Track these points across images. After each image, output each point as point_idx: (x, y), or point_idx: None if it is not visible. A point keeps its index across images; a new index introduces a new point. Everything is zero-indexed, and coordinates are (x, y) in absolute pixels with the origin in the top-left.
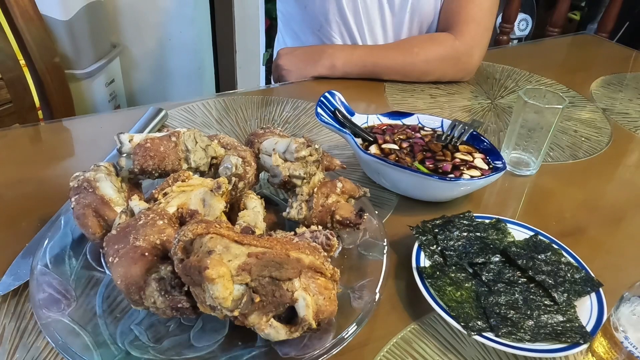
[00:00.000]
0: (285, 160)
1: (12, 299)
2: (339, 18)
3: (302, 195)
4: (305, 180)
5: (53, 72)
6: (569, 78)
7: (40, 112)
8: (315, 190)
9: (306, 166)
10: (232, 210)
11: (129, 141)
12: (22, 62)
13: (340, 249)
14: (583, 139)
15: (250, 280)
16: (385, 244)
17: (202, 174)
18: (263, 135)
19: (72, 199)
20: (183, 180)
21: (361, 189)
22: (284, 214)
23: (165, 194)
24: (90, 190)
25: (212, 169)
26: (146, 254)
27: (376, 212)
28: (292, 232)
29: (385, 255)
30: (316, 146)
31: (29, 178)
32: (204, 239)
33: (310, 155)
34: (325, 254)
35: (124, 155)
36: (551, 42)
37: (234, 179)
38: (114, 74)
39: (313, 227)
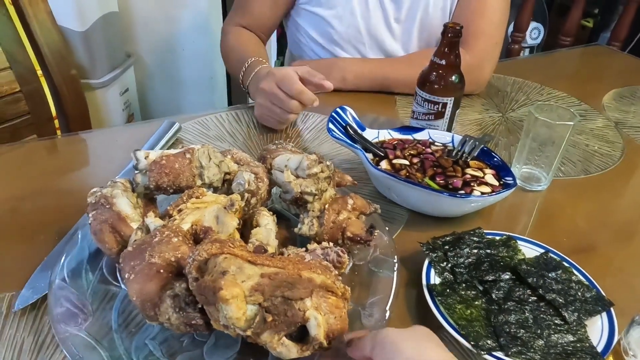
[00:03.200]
0: (297, 176)
1: (31, 312)
2: (350, 37)
3: (313, 211)
4: (316, 197)
5: (70, 84)
6: (580, 90)
7: (56, 122)
8: (326, 206)
9: (318, 183)
10: (245, 226)
11: (145, 158)
12: (39, 72)
13: (350, 265)
14: (595, 153)
15: (263, 300)
16: (395, 261)
17: (216, 190)
18: (275, 151)
19: (90, 215)
20: (197, 197)
21: (372, 206)
22: (296, 229)
23: (179, 211)
24: (107, 206)
25: (226, 185)
26: (161, 270)
27: (387, 227)
28: (304, 249)
29: (395, 273)
30: (327, 163)
31: (46, 190)
32: (218, 259)
33: (322, 171)
34: (336, 271)
35: (140, 171)
36: (562, 54)
37: (246, 195)
38: (128, 83)
39: (324, 244)
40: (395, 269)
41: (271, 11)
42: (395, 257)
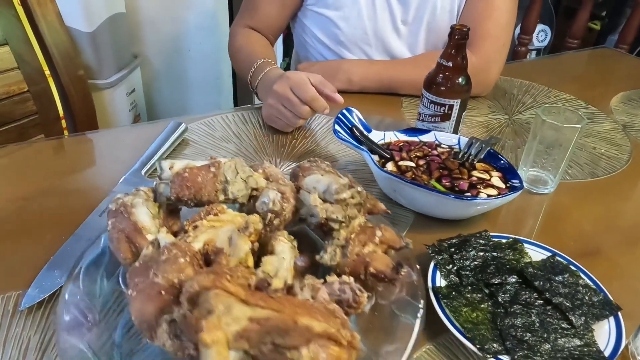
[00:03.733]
0: (325, 200)
1: (37, 311)
2: (356, 39)
3: (338, 239)
4: (343, 224)
5: (77, 85)
6: (588, 93)
7: (63, 122)
8: (352, 236)
9: (346, 209)
10: (262, 251)
11: (169, 168)
12: (47, 72)
13: (372, 303)
14: (602, 156)
15: (248, 348)
16: (420, 306)
17: (242, 206)
18: (308, 169)
19: (109, 222)
20: (215, 214)
21: (403, 240)
22: (318, 257)
23: (195, 227)
24: (125, 215)
25: (252, 201)
26: (162, 292)
27: (418, 265)
28: (322, 280)
29: (418, 320)
30: (359, 189)
31: (52, 190)
32: (209, 294)
33: (352, 197)
34: (344, 316)
35: (163, 181)
36: (570, 56)
37: (269, 215)
38: (134, 83)
39: (344, 278)
40: (418, 315)
41: (278, 12)
42: (422, 301)
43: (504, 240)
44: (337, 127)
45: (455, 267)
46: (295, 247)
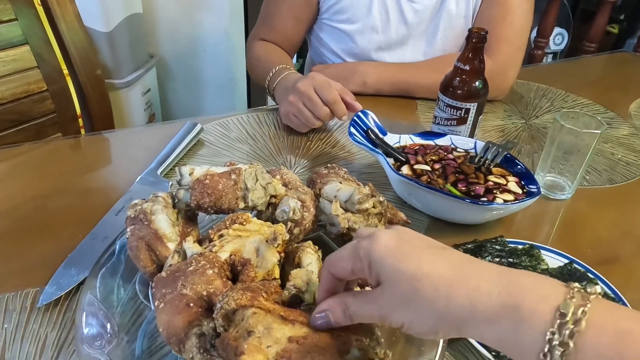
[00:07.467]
0: (346, 210)
1: (54, 308)
2: (371, 52)
3: None
4: None
5: (94, 84)
6: (606, 98)
7: (80, 120)
8: None
9: (367, 219)
10: (287, 259)
11: (189, 174)
12: (66, 71)
13: None
14: (621, 162)
15: None
16: None
17: (260, 213)
18: (326, 175)
19: (128, 229)
20: (241, 223)
21: None
22: None
23: (220, 235)
24: (145, 222)
25: (270, 208)
26: (191, 304)
27: None
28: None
29: None
30: (381, 198)
31: (69, 188)
32: (246, 312)
33: (374, 207)
34: (379, 333)
35: (183, 187)
36: (587, 60)
37: (290, 223)
38: (150, 83)
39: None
40: None
41: (294, 28)
42: None
43: (520, 246)
44: (352, 129)
45: None
46: (320, 257)
